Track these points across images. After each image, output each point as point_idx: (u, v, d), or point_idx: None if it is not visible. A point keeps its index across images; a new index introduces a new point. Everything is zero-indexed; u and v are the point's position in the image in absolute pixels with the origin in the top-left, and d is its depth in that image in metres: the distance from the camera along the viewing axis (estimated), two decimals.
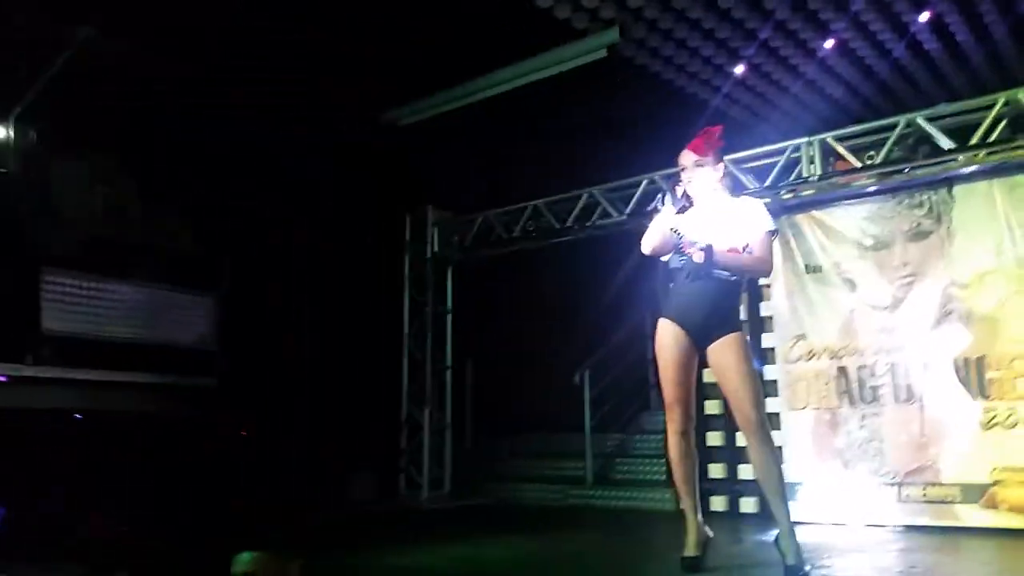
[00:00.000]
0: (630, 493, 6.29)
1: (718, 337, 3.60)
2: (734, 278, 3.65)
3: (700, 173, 3.72)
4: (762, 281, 5.60)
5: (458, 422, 7.42)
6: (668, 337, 3.72)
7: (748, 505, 5.61)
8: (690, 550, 3.66)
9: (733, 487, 5.71)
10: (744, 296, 4.59)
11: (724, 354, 3.59)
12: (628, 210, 6.14)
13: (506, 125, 6.93)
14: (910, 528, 4.79)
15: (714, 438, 5.88)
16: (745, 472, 5.56)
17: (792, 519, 3.51)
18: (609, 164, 6.43)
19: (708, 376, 5.84)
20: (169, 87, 5.99)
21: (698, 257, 3.53)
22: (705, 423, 5.91)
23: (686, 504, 3.73)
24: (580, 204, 6.38)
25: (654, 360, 7.56)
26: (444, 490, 6.91)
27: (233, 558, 3.11)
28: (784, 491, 3.58)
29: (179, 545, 4.62)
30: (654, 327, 7.56)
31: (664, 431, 6.59)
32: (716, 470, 5.81)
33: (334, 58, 6.24)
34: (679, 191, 3.71)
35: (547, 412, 7.44)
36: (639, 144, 6.46)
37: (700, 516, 3.70)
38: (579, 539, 5.08)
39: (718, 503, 5.72)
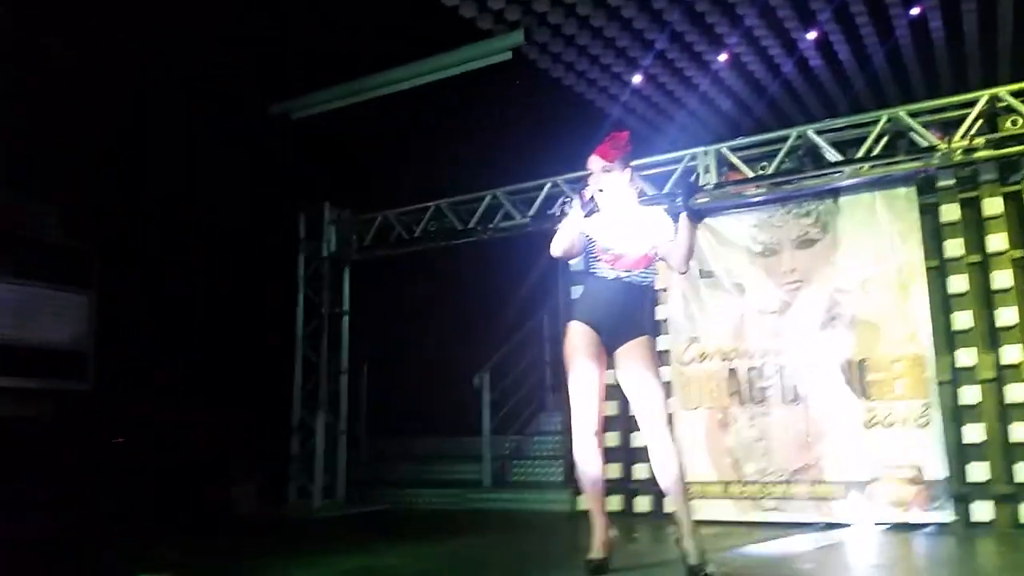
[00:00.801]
0: (528, 495, 6.30)
1: (628, 340, 3.64)
2: (647, 282, 3.69)
3: (607, 178, 3.74)
4: (658, 285, 5.74)
5: (352, 427, 7.23)
6: (580, 339, 3.72)
7: (643, 504, 5.72)
8: (596, 552, 3.66)
9: (628, 486, 5.80)
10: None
11: (633, 356, 3.62)
12: (531, 212, 6.15)
13: (409, 123, 6.83)
14: (797, 525, 4.99)
15: (611, 438, 5.97)
16: (640, 472, 5.67)
17: (693, 518, 3.58)
18: (512, 167, 6.43)
19: (609, 378, 6.03)
20: (40, 67, 5.57)
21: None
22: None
23: (593, 505, 3.74)
24: (483, 205, 6.35)
25: (551, 362, 7.65)
26: (337, 498, 6.71)
27: None
28: (685, 490, 3.65)
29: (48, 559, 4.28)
30: (553, 330, 7.63)
31: (560, 432, 6.74)
32: (613, 470, 5.90)
33: (224, 43, 5.98)
34: (587, 195, 3.73)
35: (444, 415, 7.36)
36: (543, 148, 6.51)
37: (605, 518, 3.72)
38: (480, 543, 5.02)
39: (614, 502, 5.80)
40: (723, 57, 6.62)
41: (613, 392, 5.89)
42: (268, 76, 6.74)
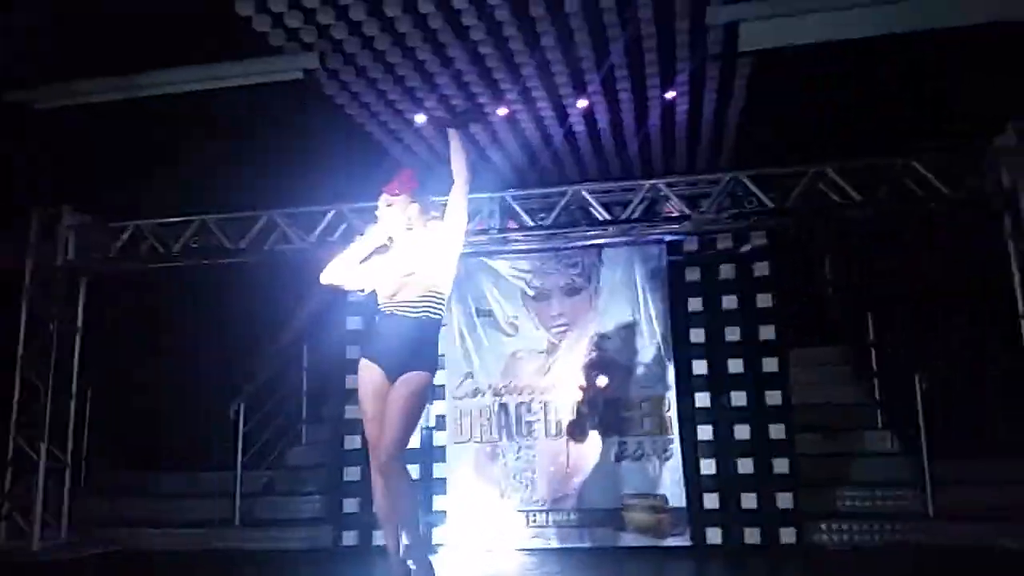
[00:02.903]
0: (284, 533, 6.02)
1: (403, 373, 3.68)
2: (422, 316, 3.74)
3: (393, 212, 3.87)
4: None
5: (78, 458, 6.41)
6: (366, 375, 3.74)
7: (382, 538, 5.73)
8: None
9: (365, 520, 5.76)
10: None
11: (396, 388, 3.63)
12: (313, 238, 6.01)
13: (177, 131, 6.34)
14: (558, 551, 5.35)
15: (351, 473, 5.95)
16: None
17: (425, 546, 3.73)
18: (292, 190, 6.24)
19: (352, 413, 6.04)
20: None
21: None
22: (344, 458, 5.99)
23: (388, 540, 3.75)
24: (258, 226, 6.07)
25: (307, 393, 7.42)
26: (60, 538, 5.88)
27: None
28: (415, 519, 3.68)
29: None
30: (312, 359, 7.44)
31: (317, 466, 6.57)
32: (350, 504, 5.89)
33: None
34: (375, 230, 3.89)
35: (189, 447, 6.82)
36: (327, 174, 6.40)
37: (401, 551, 3.74)
38: None
39: (349, 538, 5.79)
40: (503, 111, 7.01)
41: (355, 426, 5.95)
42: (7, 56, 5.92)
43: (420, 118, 7.15)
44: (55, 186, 6.37)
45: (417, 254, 3.77)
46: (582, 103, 6.91)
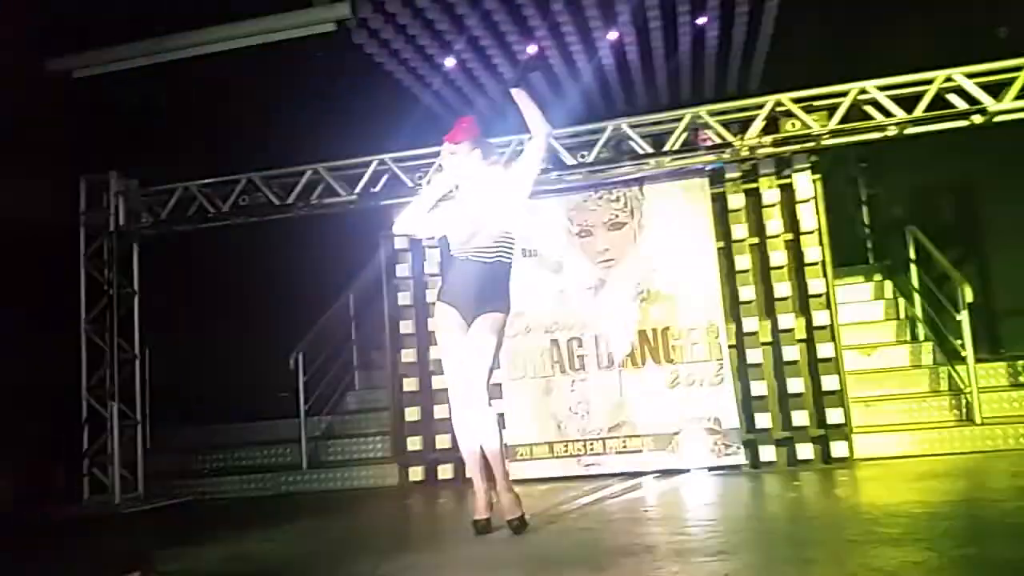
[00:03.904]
0: (352, 472, 6.29)
1: (479, 315, 3.87)
2: (497, 260, 3.92)
3: (455, 160, 3.96)
4: None
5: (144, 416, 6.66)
6: (444, 319, 3.93)
7: (446, 472, 6.01)
8: (480, 513, 3.89)
9: (429, 456, 6.07)
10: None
11: (474, 329, 3.84)
12: (358, 190, 6.10)
13: (215, 92, 6.40)
14: (615, 475, 5.57)
15: (412, 413, 6.19)
16: (442, 442, 5.97)
17: (508, 477, 3.87)
18: (333, 143, 6.30)
19: (408, 356, 6.23)
20: None
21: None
22: (404, 400, 6.21)
23: (474, 472, 3.95)
24: (303, 181, 6.16)
25: (358, 342, 7.63)
26: (138, 492, 6.18)
27: None
28: (500, 452, 3.86)
29: None
30: (360, 309, 7.61)
31: (376, 409, 6.81)
32: (414, 442, 6.13)
33: None
34: (440, 177, 4.00)
35: (248, 399, 7.06)
36: (366, 125, 6.45)
37: (486, 482, 3.94)
38: (339, 521, 4.97)
39: (416, 473, 6.05)
40: (532, 49, 6.99)
41: (412, 369, 6.18)
42: (47, 28, 5.97)
43: (450, 62, 7.17)
44: (100, 153, 6.47)
45: (486, 200, 3.87)
46: (612, 35, 6.89)
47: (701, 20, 6.65)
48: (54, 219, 6.38)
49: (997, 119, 5.29)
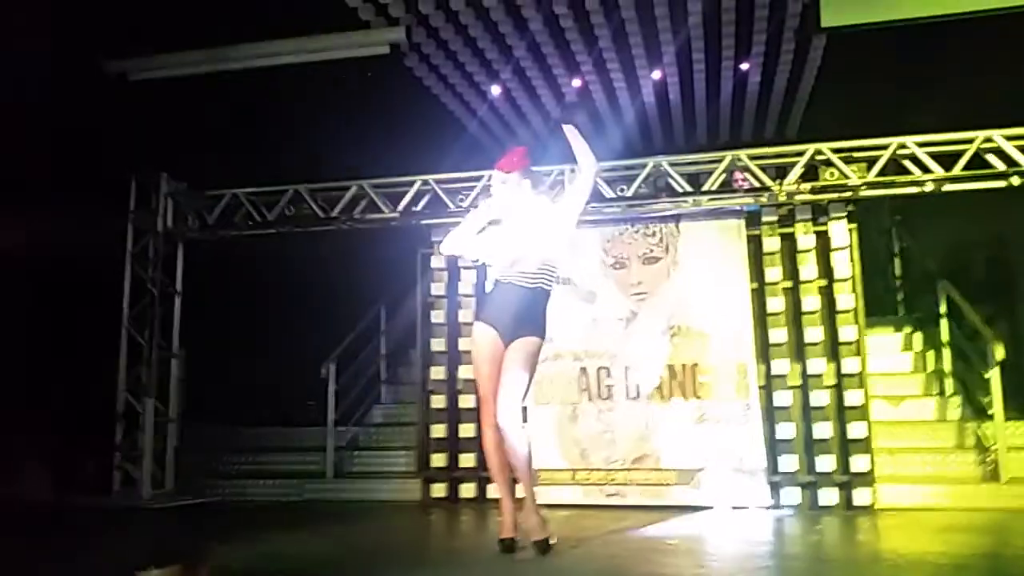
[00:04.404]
0: (375, 485, 6.38)
1: (516, 338, 3.98)
2: (537, 286, 4.04)
3: (509, 189, 4.09)
4: None
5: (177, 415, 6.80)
6: (481, 337, 4.05)
7: (468, 491, 6.10)
8: (507, 532, 3.98)
9: (453, 474, 6.15)
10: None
11: (511, 351, 3.95)
12: (400, 208, 6.25)
13: (267, 103, 6.60)
14: (637, 507, 5.61)
15: (438, 430, 6.28)
16: (465, 461, 6.09)
17: (535, 499, 3.95)
18: (378, 161, 6.47)
19: (438, 374, 6.34)
20: None
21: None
22: (431, 416, 6.31)
23: (502, 491, 4.04)
24: (348, 196, 6.33)
25: (387, 356, 7.74)
26: (167, 488, 6.30)
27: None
28: (529, 473, 3.97)
29: None
30: (390, 323, 7.72)
31: (400, 424, 6.91)
32: (438, 459, 6.21)
33: None
34: (488, 204, 4.14)
35: (279, 405, 7.19)
36: (411, 146, 6.61)
37: (513, 502, 4.03)
38: (361, 529, 5.06)
39: (439, 490, 6.13)
40: (576, 83, 7.17)
41: (441, 386, 6.29)
42: (106, 31, 6.20)
43: (496, 90, 7.35)
44: (152, 155, 6.66)
45: (533, 229, 3.99)
46: (656, 74, 7.04)
47: (744, 66, 6.79)
48: (101, 217, 6.56)
49: None
